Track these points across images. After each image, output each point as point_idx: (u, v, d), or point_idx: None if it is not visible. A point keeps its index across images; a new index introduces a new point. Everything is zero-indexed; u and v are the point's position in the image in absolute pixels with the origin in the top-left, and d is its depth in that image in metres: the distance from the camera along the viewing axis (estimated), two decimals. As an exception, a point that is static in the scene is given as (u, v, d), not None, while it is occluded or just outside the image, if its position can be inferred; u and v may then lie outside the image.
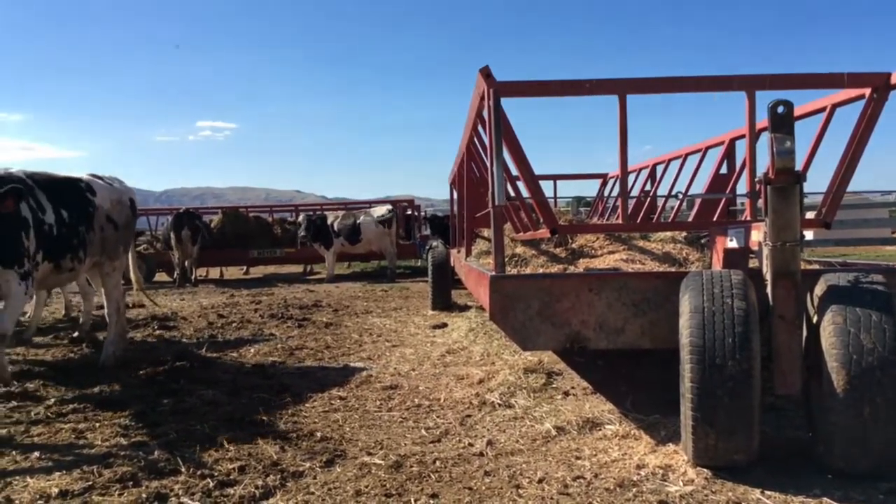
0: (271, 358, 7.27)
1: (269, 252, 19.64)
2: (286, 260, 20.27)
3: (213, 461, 4.06)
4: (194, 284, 17.66)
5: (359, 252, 18.74)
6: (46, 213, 6.08)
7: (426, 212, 23.42)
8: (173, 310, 11.76)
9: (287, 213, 23.19)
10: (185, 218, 17.72)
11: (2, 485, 3.78)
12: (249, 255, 19.64)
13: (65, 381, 6.34)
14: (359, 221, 18.00)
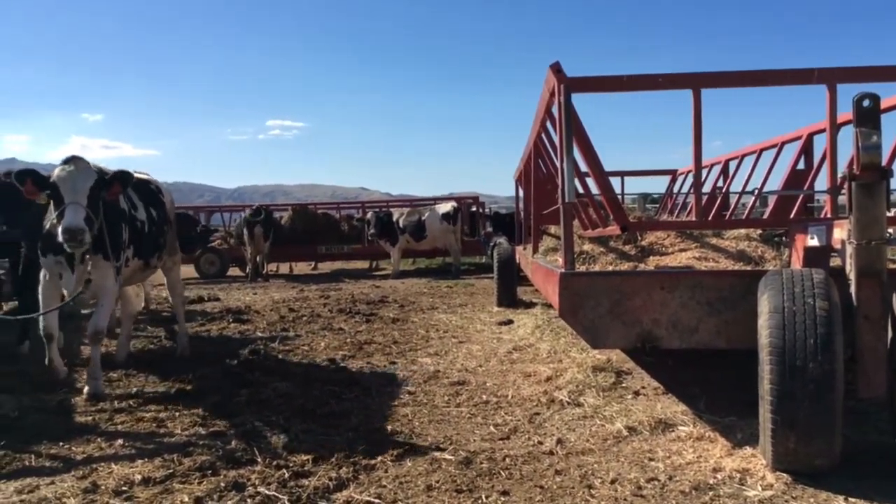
0: (341, 352, 7.40)
1: (337, 248, 19.99)
2: (353, 256, 20.57)
3: (288, 452, 4.16)
4: (265, 279, 18.11)
5: (423, 248, 18.87)
6: (138, 209, 6.31)
7: (490, 209, 23.39)
8: (246, 303, 12.09)
9: (354, 209, 23.52)
10: (257, 214, 18.18)
11: (88, 470, 3.96)
12: (318, 250, 20.02)
13: (145, 371, 6.61)
14: (423, 218, 18.13)
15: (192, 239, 18.50)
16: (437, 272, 19.45)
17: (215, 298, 13.09)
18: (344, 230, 20.52)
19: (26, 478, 3.86)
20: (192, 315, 10.61)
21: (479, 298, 12.39)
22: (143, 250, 6.35)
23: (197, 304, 12.20)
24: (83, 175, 5.22)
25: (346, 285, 15.85)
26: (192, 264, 19.26)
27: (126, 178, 5.64)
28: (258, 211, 18.43)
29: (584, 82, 4.69)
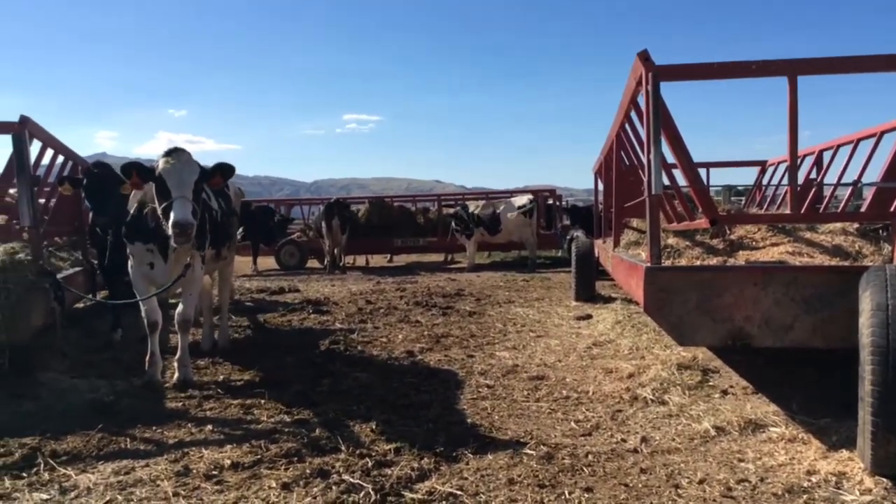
0: (419, 344, 7.43)
1: (413, 241, 20.11)
2: (428, 249, 20.66)
3: (370, 441, 4.21)
4: (343, 271, 18.39)
5: (499, 242, 18.78)
6: (212, 200, 6.45)
7: (567, 201, 23.09)
8: (325, 295, 12.29)
9: (429, 202, 23.63)
10: (335, 207, 18.48)
11: (180, 454, 4.10)
12: (394, 243, 20.20)
13: (230, 359, 6.80)
14: (499, 211, 18.03)
15: (271, 229, 19.00)
16: (512, 265, 19.33)
17: (295, 290, 13.36)
18: (420, 223, 20.64)
19: (122, 460, 4.03)
20: (273, 305, 10.89)
21: (556, 292, 12.24)
22: (216, 240, 6.43)
23: (278, 295, 12.49)
24: (188, 168, 5.27)
25: (421, 278, 15.93)
26: (273, 256, 19.75)
27: (227, 169, 5.68)
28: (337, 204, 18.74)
29: (674, 70, 4.54)
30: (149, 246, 5.74)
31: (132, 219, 5.78)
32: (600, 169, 10.56)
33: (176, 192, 5.09)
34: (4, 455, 4.11)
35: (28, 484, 3.69)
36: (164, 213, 5.17)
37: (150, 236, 5.67)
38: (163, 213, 5.19)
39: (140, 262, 5.87)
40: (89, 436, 4.40)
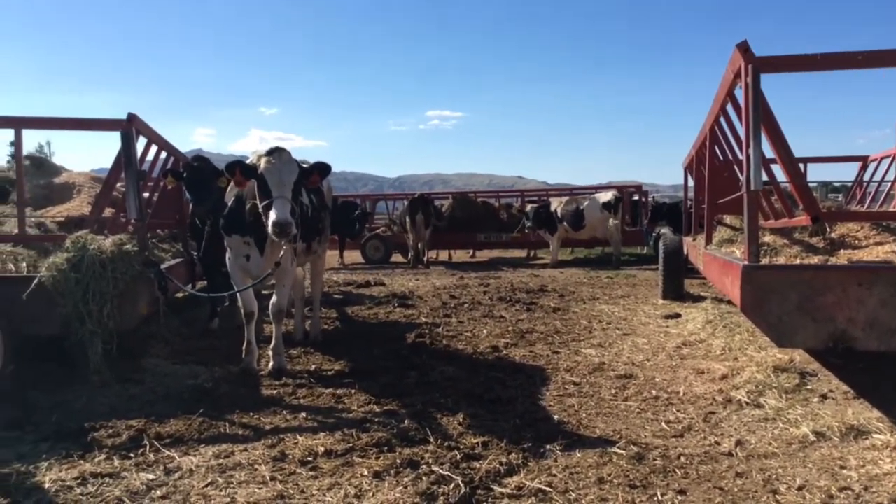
0: (503, 340, 7.43)
1: (496, 236, 20.10)
2: (511, 244, 20.61)
3: (458, 434, 4.25)
4: (426, 266, 18.56)
5: (582, 238, 18.55)
6: (303, 195, 6.61)
7: (654, 197, 22.55)
8: (410, 289, 12.44)
9: (513, 198, 23.58)
10: (419, 203, 18.67)
11: (276, 440, 4.25)
12: (477, 238, 20.24)
13: (321, 349, 6.99)
14: (582, 207, 17.80)
15: (352, 221, 19.37)
16: (595, 262, 19.07)
17: (381, 283, 13.59)
18: (503, 219, 20.61)
19: (222, 444, 4.21)
20: (360, 298, 11.11)
21: (642, 290, 12.01)
22: (307, 234, 6.55)
23: (365, 289, 12.74)
24: (288, 168, 5.42)
25: (504, 273, 15.92)
26: (359, 250, 20.12)
27: (324, 168, 5.83)
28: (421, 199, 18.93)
29: (775, 62, 4.38)
30: (245, 238, 5.95)
31: (229, 212, 6.01)
32: (691, 164, 10.27)
33: (276, 191, 5.25)
34: (113, 436, 4.35)
35: (135, 464, 3.90)
36: (264, 210, 5.34)
37: (246, 229, 5.88)
38: (263, 211, 5.36)
39: (237, 254, 6.10)
40: (191, 420, 4.61)
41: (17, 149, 6.02)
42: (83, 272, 5.32)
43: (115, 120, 5.81)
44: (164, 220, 8.73)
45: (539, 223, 18.23)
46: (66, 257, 5.37)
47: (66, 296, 5.29)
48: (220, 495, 3.44)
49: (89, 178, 9.18)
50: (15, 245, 6.08)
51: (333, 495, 3.42)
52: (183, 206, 8.94)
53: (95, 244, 5.49)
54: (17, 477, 3.68)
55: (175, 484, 3.60)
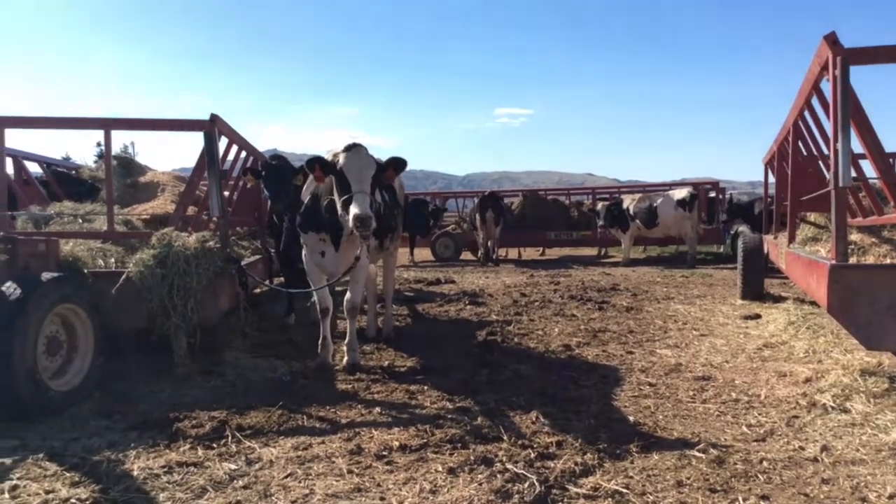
0: (575, 339, 7.36)
1: (566, 234, 19.93)
2: (582, 242, 20.40)
3: (532, 433, 4.23)
4: (496, 263, 18.55)
5: (656, 236, 18.20)
6: (376, 193, 6.66)
7: (731, 194, 21.90)
8: (480, 287, 12.46)
9: (584, 195, 23.30)
10: (489, 200, 18.67)
11: (352, 434, 4.32)
12: (547, 236, 20.11)
13: (393, 346, 7.08)
14: (656, 204, 17.46)
15: (425, 219, 19.49)
16: (669, 261, 18.69)
17: (451, 281, 13.65)
18: (573, 216, 20.41)
19: (300, 436, 4.30)
20: (431, 296, 11.19)
21: (719, 290, 11.69)
22: (379, 231, 6.58)
23: (435, 286, 12.83)
24: (366, 163, 5.46)
25: (574, 272, 15.77)
26: (429, 247, 20.26)
27: (399, 164, 5.82)
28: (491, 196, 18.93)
29: (865, 53, 4.18)
30: (321, 236, 6.07)
31: (305, 209, 6.14)
32: (772, 160, 9.92)
33: (356, 186, 5.28)
34: (196, 426, 4.50)
35: (218, 454, 4.02)
36: (343, 205, 5.40)
37: (322, 226, 5.99)
38: (342, 206, 5.42)
39: (313, 250, 6.23)
40: (270, 412, 4.73)
41: (107, 149, 6.30)
42: (168, 268, 5.53)
43: (198, 121, 6.01)
44: (243, 217, 9.00)
45: (611, 221, 17.98)
46: (153, 253, 5.59)
47: (152, 290, 5.52)
48: (299, 486, 3.52)
49: (172, 177, 9.52)
50: (104, 242, 6.36)
51: (409, 490, 3.45)
52: (261, 204, 9.20)
53: (180, 241, 5.70)
54: (107, 464, 3.85)
55: (256, 474, 3.70)
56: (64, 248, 5.71)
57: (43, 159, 9.52)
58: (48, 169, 9.54)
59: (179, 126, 6.23)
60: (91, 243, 6.24)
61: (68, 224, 6.96)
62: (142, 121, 6.37)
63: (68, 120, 6.26)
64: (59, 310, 4.93)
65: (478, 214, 18.80)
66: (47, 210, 7.42)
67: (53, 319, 4.90)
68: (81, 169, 10.26)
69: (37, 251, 5.23)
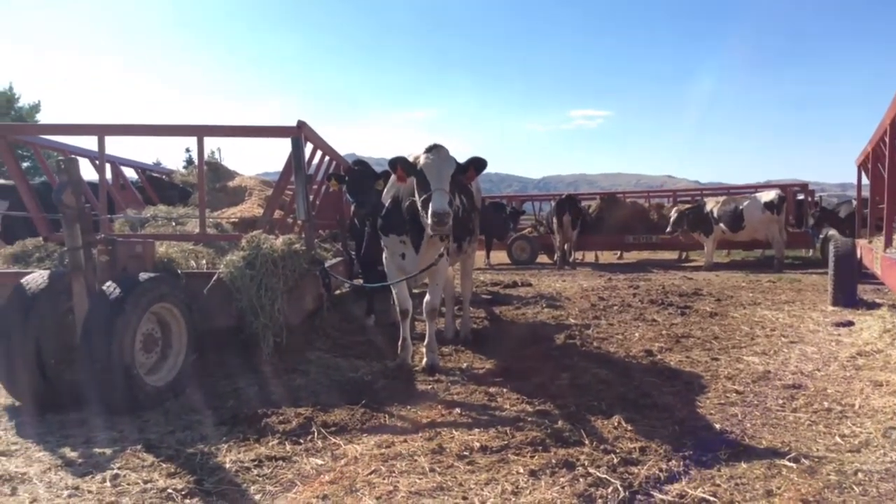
0: (657, 344, 7.23)
1: (645, 238, 19.55)
2: (662, 246, 19.97)
3: (614, 438, 4.19)
4: (573, 267, 18.38)
5: (741, 240, 17.63)
6: (454, 196, 6.69)
7: (820, 197, 21.03)
8: (557, 290, 12.38)
9: (664, 198, 22.81)
10: (566, 203, 18.51)
11: (433, 433, 4.36)
12: (625, 240, 19.79)
13: (471, 348, 7.12)
14: (741, 207, 16.91)
15: (504, 221, 19.51)
16: (754, 265, 18.10)
17: (527, 284, 13.61)
18: (653, 219, 20.02)
19: (383, 434, 4.38)
20: (508, 299, 11.19)
21: (808, 295, 11.24)
22: (458, 234, 6.62)
23: (511, 289, 12.82)
24: (446, 163, 5.56)
25: (654, 276, 15.46)
26: (505, 250, 20.24)
27: (479, 163, 5.86)
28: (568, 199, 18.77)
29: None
30: (402, 238, 6.17)
31: (386, 212, 6.25)
32: (866, 161, 9.49)
33: (435, 184, 5.37)
34: (283, 422, 4.64)
35: (305, 449, 4.15)
36: (423, 204, 5.48)
37: (403, 229, 6.09)
38: (422, 205, 5.49)
39: (393, 253, 6.33)
40: (353, 410, 4.84)
41: (199, 155, 6.58)
42: (257, 269, 5.74)
43: (286, 127, 6.21)
44: (325, 220, 9.22)
45: (693, 224, 17.55)
46: (242, 255, 5.81)
47: (241, 291, 5.73)
48: (383, 483, 3.59)
49: (258, 181, 9.86)
50: (196, 243, 6.64)
51: (491, 490, 3.47)
52: (342, 207, 9.40)
53: (268, 243, 5.90)
54: (201, 457, 4.02)
55: (342, 470, 3.80)
56: (159, 249, 5.99)
57: (138, 165, 10.00)
58: (143, 174, 10.01)
59: (268, 133, 6.45)
60: (183, 245, 6.53)
61: (162, 227, 7.30)
62: (233, 127, 6.61)
63: (164, 127, 6.57)
64: (156, 308, 5.17)
65: (555, 217, 18.67)
66: (142, 214, 7.79)
67: (150, 318, 5.14)
68: (173, 174, 10.74)
69: (134, 253, 5.51)
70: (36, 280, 5.09)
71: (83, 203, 4.87)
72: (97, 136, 6.49)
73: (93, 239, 5.01)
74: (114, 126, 6.59)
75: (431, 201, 5.28)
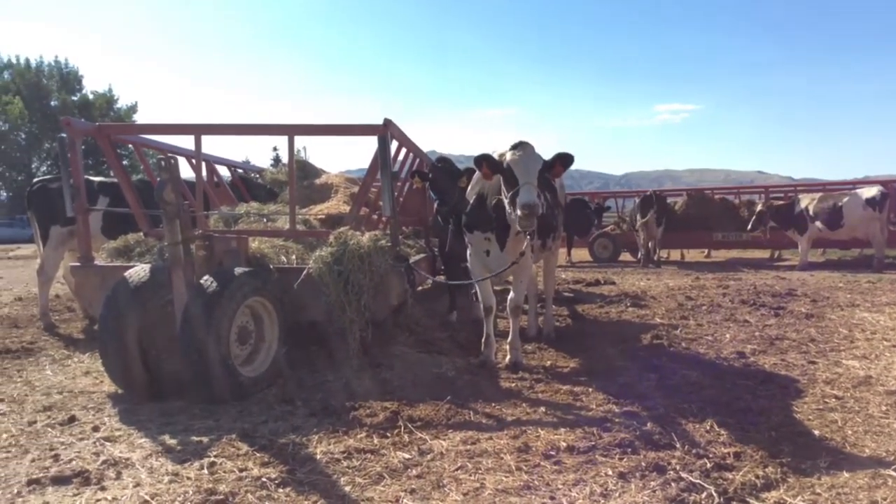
0: (749, 346, 6.98)
1: (734, 235, 18.92)
2: (752, 244, 19.26)
3: (706, 442, 4.07)
4: (657, 265, 17.97)
5: (839, 238, 16.81)
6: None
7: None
8: (641, 289, 12.13)
9: (755, 194, 22.00)
10: (651, 200, 18.10)
11: (518, 431, 4.35)
12: (713, 237, 19.20)
13: (554, 346, 7.06)
14: (840, 204, 16.12)
15: (587, 218, 19.24)
16: (851, 265, 17.24)
17: (610, 282, 13.38)
18: (743, 216, 19.33)
19: (468, 430, 4.40)
20: (590, 297, 11.03)
21: (913, 297, 10.62)
22: (541, 231, 6.58)
23: (594, 287, 12.63)
24: (533, 159, 5.54)
25: (745, 275, 14.92)
26: (587, 248, 19.97)
27: (567, 159, 5.80)
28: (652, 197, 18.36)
29: None
30: (486, 235, 6.17)
31: (471, 209, 6.26)
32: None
33: (522, 178, 5.36)
34: (370, 416, 4.72)
35: (392, 443, 4.20)
36: (510, 200, 5.47)
37: (488, 226, 6.09)
38: (510, 201, 5.49)
39: (477, 250, 6.34)
40: (438, 405, 4.88)
41: (290, 154, 6.75)
42: (344, 265, 5.84)
43: (373, 125, 6.29)
44: (409, 218, 9.31)
45: (786, 222, 16.86)
46: (330, 251, 5.93)
47: (329, 286, 5.85)
48: (469, 479, 3.60)
49: (344, 179, 10.04)
50: (286, 240, 6.82)
51: (579, 491, 3.43)
52: (425, 204, 9.47)
53: (355, 240, 6.00)
54: (292, 447, 4.13)
55: (428, 465, 3.83)
56: (251, 245, 6.18)
57: (230, 163, 10.34)
58: (235, 172, 10.35)
59: (356, 131, 6.54)
60: (274, 241, 6.71)
61: (254, 223, 7.53)
62: (322, 126, 6.74)
63: (257, 127, 6.77)
64: (250, 302, 5.35)
65: (639, 214, 18.29)
66: (235, 210, 8.06)
67: (244, 311, 5.32)
68: (264, 172, 11.06)
69: (230, 248, 5.71)
70: (138, 273, 5.35)
71: (182, 200, 5.07)
72: (194, 135, 6.74)
73: (191, 234, 5.22)
74: (210, 125, 6.82)
75: (519, 195, 5.28)
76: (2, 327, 8.73)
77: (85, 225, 6.70)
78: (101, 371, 5.71)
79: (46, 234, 8.62)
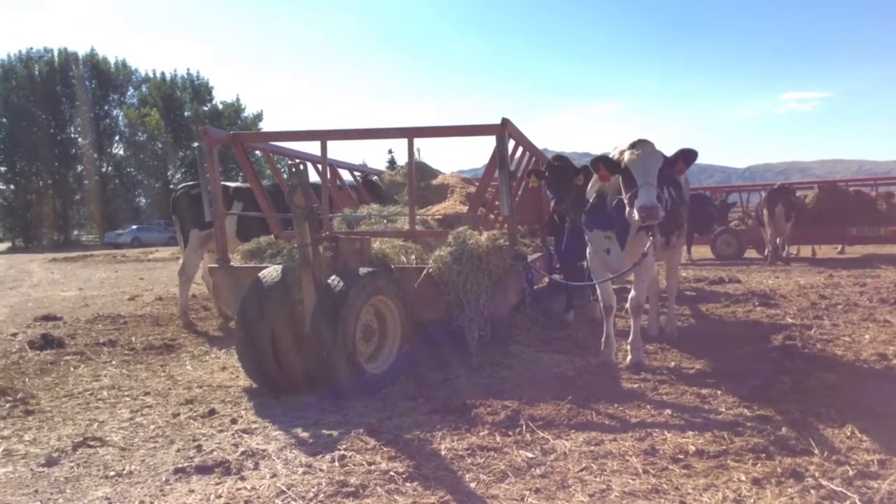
0: (891, 347, 6.51)
1: (871, 230, 17.71)
2: (891, 239, 17.97)
3: (847, 448, 3.85)
4: (786, 262, 17.07)
5: None
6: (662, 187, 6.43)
7: None
8: (770, 287, 11.58)
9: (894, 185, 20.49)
10: (779, 194, 17.23)
11: (644, 434, 4.25)
12: (847, 232, 18.05)
13: (677, 346, 6.86)
14: None
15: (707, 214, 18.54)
16: None
17: (735, 280, 12.85)
18: (881, 210, 18.05)
19: (591, 431, 4.35)
20: (715, 296, 10.64)
21: None
22: (664, 228, 6.43)
23: (718, 285, 12.18)
24: (652, 157, 5.43)
25: (884, 272, 13.93)
26: (709, 245, 19.24)
27: (690, 155, 5.66)
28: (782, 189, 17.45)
29: None
30: (607, 233, 6.08)
31: (591, 207, 6.19)
32: None
33: (641, 179, 5.26)
34: (492, 413, 4.76)
35: (514, 441, 4.22)
36: (629, 201, 5.38)
37: (608, 224, 6.00)
38: (629, 202, 5.40)
39: (597, 248, 6.26)
40: (559, 405, 4.86)
41: (410, 156, 6.90)
42: (463, 264, 5.93)
43: (491, 125, 6.34)
44: (526, 216, 9.31)
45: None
46: (450, 251, 6.03)
47: (449, 285, 5.95)
48: (595, 481, 3.57)
49: (459, 179, 10.16)
50: (405, 240, 6.98)
51: (710, 497, 3.33)
52: (541, 202, 9.44)
53: (473, 239, 6.07)
54: (417, 442, 4.23)
55: (552, 464, 3.82)
56: (373, 245, 6.38)
57: (351, 166, 10.69)
58: (358, 175, 10.70)
59: (474, 131, 6.61)
60: (394, 241, 6.89)
61: (374, 224, 7.76)
62: (441, 128, 6.85)
63: (377, 131, 6.96)
64: (374, 301, 5.52)
65: (766, 209, 17.43)
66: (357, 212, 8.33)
67: (368, 309, 5.50)
68: (383, 174, 11.37)
69: (354, 249, 5.92)
70: (271, 274, 5.63)
71: (311, 204, 5.30)
72: (320, 140, 7.02)
73: (319, 236, 5.45)
74: (334, 131, 7.08)
75: (638, 197, 5.18)
76: (145, 325, 9.40)
77: (222, 228, 7.10)
78: (237, 366, 6.06)
79: (187, 238, 9.20)
